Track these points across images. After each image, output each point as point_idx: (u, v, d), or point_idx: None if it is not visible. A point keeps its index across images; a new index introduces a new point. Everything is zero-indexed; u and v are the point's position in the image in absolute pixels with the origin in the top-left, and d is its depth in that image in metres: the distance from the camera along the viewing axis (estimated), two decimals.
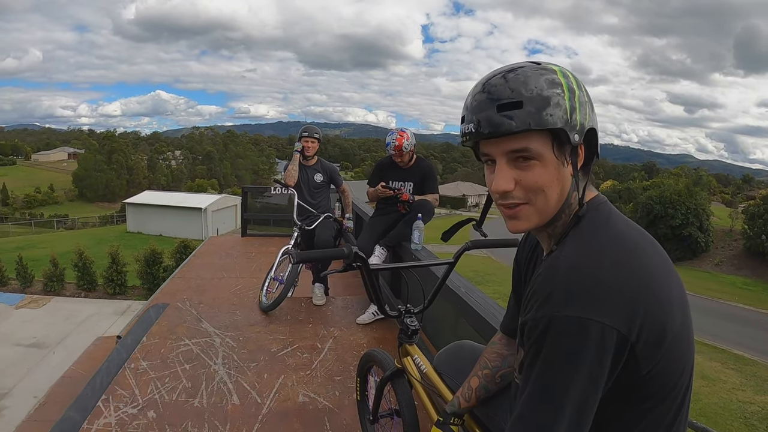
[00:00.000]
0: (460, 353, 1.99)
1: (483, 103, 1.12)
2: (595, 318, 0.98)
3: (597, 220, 1.15)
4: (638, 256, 1.08)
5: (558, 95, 1.09)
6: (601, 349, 0.99)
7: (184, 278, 6.39)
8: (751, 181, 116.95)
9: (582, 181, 1.17)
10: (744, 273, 35.88)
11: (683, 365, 1.10)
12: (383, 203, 4.98)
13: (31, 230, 49.97)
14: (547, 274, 1.08)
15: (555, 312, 1.01)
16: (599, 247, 1.08)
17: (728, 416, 13.37)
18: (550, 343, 1.03)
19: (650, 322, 1.01)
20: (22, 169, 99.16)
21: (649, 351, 1.02)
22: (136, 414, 3.10)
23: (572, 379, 1.01)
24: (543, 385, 1.05)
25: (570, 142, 1.11)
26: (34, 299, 20.78)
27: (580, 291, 1.01)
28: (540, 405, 1.05)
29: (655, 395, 1.08)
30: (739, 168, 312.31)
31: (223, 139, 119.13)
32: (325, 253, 2.03)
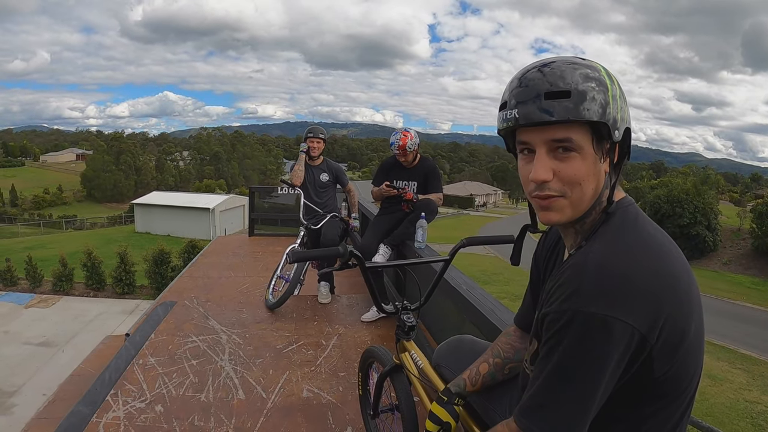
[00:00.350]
0: (460, 346, 2.02)
1: (530, 89, 1.11)
2: (620, 317, 1.00)
3: (626, 220, 1.16)
4: (664, 258, 1.09)
5: (602, 91, 1.09)
6: (621, 348, 1.01)
7: (192, 277, 6.46)
8: (759, 179, 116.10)
9: (613, 179, 1.18)
10: (752, 272, 35.71)
11: (695, 369, 1.12)
12: (387, 202, 5.03)
13: (40, 231, 50.20)
14: (575, 269, 1.09)
15: (581, 307, 1.03)
16: (628, 247, 1.09)
17: (735, 416, 13.34)
18: (572, 337, 1.05)
19: (671, 326, 1.03)
20: (31, 170, 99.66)
21: (666, 354, 1.04)
22: (144, 408, 3.16)
23: (589, 374, 1.04)
24: (560, 376, 1.08)
25: (610, 138, 1.12)
26: (43, 299, 20.95)
27: (607, 289, 1.03)
28: (557, 396, 1.09)
29: (665, 397, 1.10)
30: (748, 166, 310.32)
31: (230, 139, 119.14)
32: (321, 252, 2.06)
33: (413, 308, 2.22)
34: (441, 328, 4.00)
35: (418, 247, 4.57)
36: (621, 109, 1.12)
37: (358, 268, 2.01)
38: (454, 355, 1.98)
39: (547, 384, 1.09)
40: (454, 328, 3.50)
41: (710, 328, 19.78)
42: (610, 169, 1.16)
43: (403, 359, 2.19)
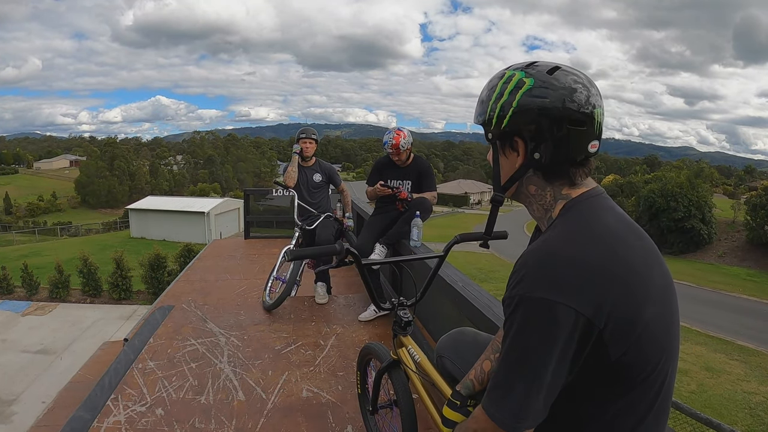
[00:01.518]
0: (462, 338, 2.05)
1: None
2: (563, 301, 1.06)
3: (581, 211, 1.23)
4: (615, 247, 1.14)
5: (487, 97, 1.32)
6: (566, 331, 1.07)
7: (189, 281, 6.47)
8: (753, 171, 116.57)
9: (559, 181, 1.29)
10: (747, 264, 35.84)
11: (659, 357, 1.15)
12: (382, 202, 5.05)
13: (34, 238, 50.02)
14: (525, 256, 1.17)
15: (526, 292, 1.10)
16: (576, 235, 1.17)
17: (733, 407, 13.38)
18: (520, 321, 1.11)
19: (619, 312, 1.08)
20: (25, 177, 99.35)
21: (618, 339, 1.09)
22: (144, 412, 3.17)
23: (538, 356, 1.09)
24: (513, 358, 1.14)
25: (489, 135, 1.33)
26: (40, 306, 20.89)
27: (551, 274, 1.10)
28: (509, 376, 1.15)
29: (625, 383, 1.14)
30: (741, 159, 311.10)
31: (224, 142, 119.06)
32: (317, 250, 2.08)
33: (409, 304, 2.24)
34: (438, 325, 4.02)
35: (413, 245, 4.59)
36: (495, 109, 1.29)
37: (354, 267, 2.03)
38: (456, 347, 2.01)
39: (503, 367, 1.16)
40: (450, 324, 3.51)
41: (707, 320, 20.03)
42: (520, 165, 1.30)
43: (401, 355, 2.21)
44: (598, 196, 1.27)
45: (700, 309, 21.53)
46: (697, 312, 20.83)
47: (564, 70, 1.24)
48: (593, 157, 1.27)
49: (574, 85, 1.21)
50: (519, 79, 1.25)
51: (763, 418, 12.84)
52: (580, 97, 1.20)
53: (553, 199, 1.29)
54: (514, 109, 1.24)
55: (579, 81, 1.22)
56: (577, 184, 1.28)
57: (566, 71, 1.24)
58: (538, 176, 1.30)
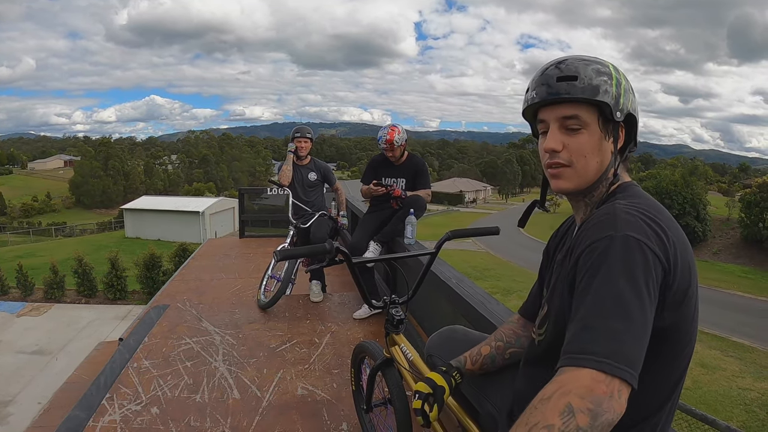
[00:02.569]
0: (453, 336, 2.04)
1: (545, 76, 1.32)
2: (649, 244, 1.09)
3: (637, 191, 1.32)
4: (675, 220, 1.22)
5: (606, 82, 1.28)
6: (652, 272, 1.07)
7: (184, 280, 6.47)
8: (747, 169, 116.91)
9: (619, 159, 1.34)
10: (742, 261, 36.00)
11: (690, 338, 1.19)
12: (376, 200, 5.05)
13: (29, 239, 49.90)
14: (603, 213, 1.20)
15: (618, 232, 1.11)
16: (647, 202, 1.24)
17: (728, 403, 13.44)
18: (615, 255, 1.08)
19: (681, 272, 1.12)
20: (19, 177, 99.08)
21: (675, 302, 1.12)
22: (139, 411, 3.17)
23: (633, 294, 1.04)
24: (605, 300, 1.05)
25: (613, 119, 1.29)
26: (35, 307, 20.83)
27: (637, 224, 1.13)
28: (606, 320, 1.03)
29: (669, 351, 1.17)
30: (736, 157, 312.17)
31: (218, 142, 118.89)
32: (307, 249, 2.07)
33: (401, 302, 2.24)
34: (432, 322, 4.02)
35: (407, 243, 4.59)
36: (623, 95, 1.30)
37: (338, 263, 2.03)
38: (447, 345, 2.00)
39: (595, 312, 1.05)
40: (445, 321, 3.52)
41: (702, 317, 19.77)
42: (615, 149, 1.33)
43: (394, 353, 2.21)
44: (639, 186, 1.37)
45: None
46: None
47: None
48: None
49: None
50: (615, 68, 1.33)
51: (758, 414, 12.91)
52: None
53: (614, 180, 1.34)
54: (629, 91, 1.32)
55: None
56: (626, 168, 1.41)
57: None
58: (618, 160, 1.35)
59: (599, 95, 1.26)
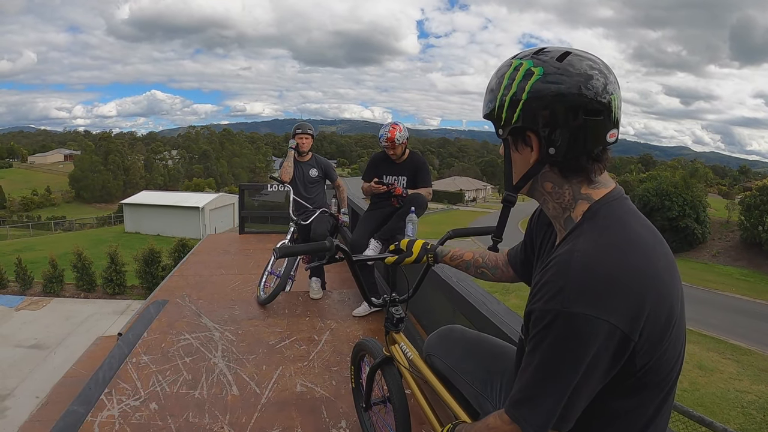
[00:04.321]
0: (450, 335, 2.04)
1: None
2: (603, 317, 1.04)
3: (611, 217, 1.19)
4: (648, 257, 1.12)
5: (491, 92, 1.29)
6: (603, 346, 1.05)
7: (183, 275, 6.46)
8: (747, 172, 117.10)
9: (579, 180, 1.24)
10: (741, 264, 35.94)
11: (675, 360, 1.17)
12: (377, 197, 5.04)
13: (28, 233, 49.82)
14: (560, 267, 1.12)
15: (564, 307, 1.06)
16: (612, 246, 1.12)
17: (726, 405, 13.44)
18: (556, 336, 1.08)
19: (652, 323, 1.07)
20: (19, 171, 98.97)
21: (646, 349, 1.09)
22: (138, 406, 3.17)
23: (572, 371, 1.08)
24: (545, 371, 1.12)
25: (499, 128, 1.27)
26: (33, 301, 20.85)
27: (591, 289, 1.06)
28: (540, 389, 1.13)
29: (645, 387, 1.15)
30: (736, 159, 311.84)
31: (219, 137, 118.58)
32: (308, 247, 2.07)
33: (401, 300, 2.23)
34: (432, 320, 4.03)
35: None
36: (504, 102, 1.23)
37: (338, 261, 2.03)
38: (445, 345, 2.00)
39: (534, 379, 1.14)
40: (444, 319, 3.52)
41: (700, 319, 20.03)
42: (535, 161, 1.24)
43: (393, 351, 2.21)
44: (621, 199, 1.23)
45: (693, 308, 21.53)
46: (691, 311, 20.55)
47: (577, 54, 1.18)
48: (610, 147, 1.21)
49: (589, 71, 1.15)
50: (527, 69, 1.18)
51: (755, 416, 12.92)
52: (596, 84, 1.14)
53: (573, 199, 1.24)
54: (524, 102, 1.17)
55: (595, 67, 1.16)
56: (594, 181, 1.23)
57: (579, 56, 1.18)
58: (554, 172, 1.23)
59: (489, 109, 1.27)
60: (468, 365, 1.83)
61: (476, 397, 1.76)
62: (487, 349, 1.87)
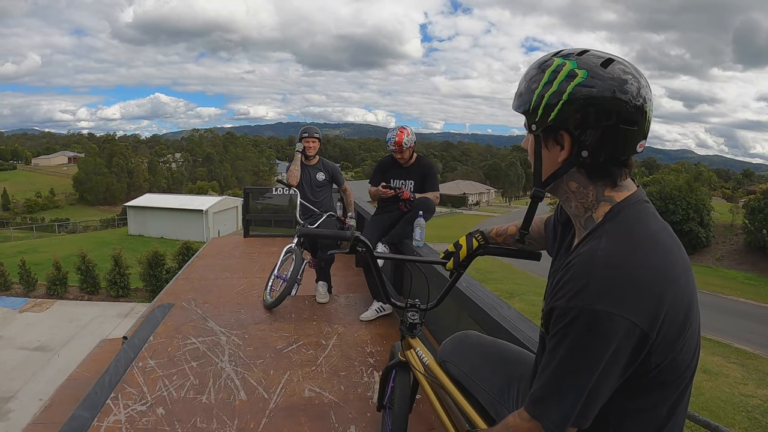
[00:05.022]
0: (466, 341, 2.03)
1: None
2: (624, 315, 1.05)
3: (632, 218, 1.20)
4: (667, 257, 1.14)
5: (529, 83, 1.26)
6: (622, 344, 1.06)
7: (188, 279, 6.45)
8: (751, 175, 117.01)
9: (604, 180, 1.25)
10: (745, 268, 35.82)
11: (690, 360, 1.17)
12: (385, 201, 5.03)
13: (32, 235, 49.88)
14: (583, 266, 1.13)
15: (587, 304, 1.07)
16: (634, 245, 1.13)
17: (731, 410, 13.38)
18: (578, 333, 1.09)
19: (670, 321, 1.09)
20: (23, 173, 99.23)
21: (663, 347, 1.10)
22: (145, 411, 3.15)
23: (592, 367, 1.08)
24: (565, 368, 1.12)
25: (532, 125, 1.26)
26: (37, 303, 20.80)
27: (613, 288, 1.07)
28: (560, 385, 1.14)
29: (658, 386, 1.15)
30: (740, 163, 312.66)
31: (222, 140, 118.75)
32: (328, 232, 2.20)
33: (424, 308, 2.23)
34: (441, 325, 4.00)
35: (416, 245, 4.56)
36: (537, 99, 1.23)
37: (354, 267, 2.03)
38: (460, 351, 1.99)
39: (555, 376, 1.14)
40: (453, 325, 3.51)
41: (705, 323, 19.66)
42: (564, 160, 1.24)
43: (409, 356, 2.20)
44: (642, 202, 1.24)
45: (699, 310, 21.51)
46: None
47: (620, 63, 1.18)
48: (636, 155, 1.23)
49: (631, 82, 1.15)
50: (571, 69, 1.18)
51: (761, 420, 12.85)
52: (636, 97, 1.15)
53: (596, 200, 1.25)
54: (563, 102, 1.17)
55: (636, 79, 1.16)
56: (618, 185, 1.24)
57: (623, 65, 1.18)
58: (581, 173, 1.24)
59: (524, 104, 1.26)
60: (484, 372, 1.82)
61: (493, 404, 1.74)
62: (503, 356, 1.86)
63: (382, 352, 4.05)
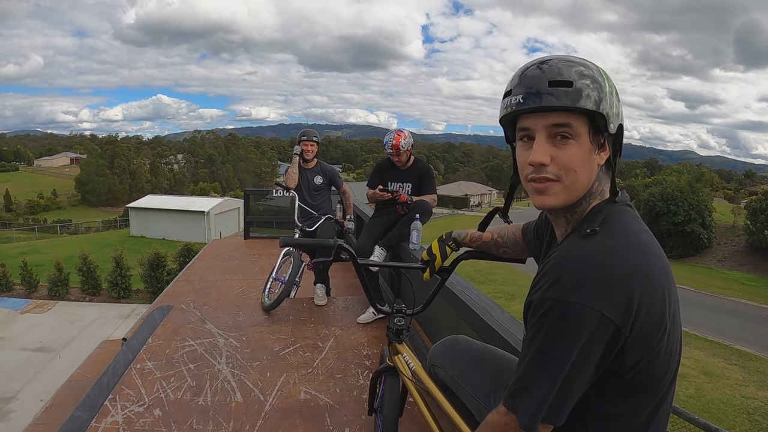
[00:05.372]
0: (455, 346, 2.05)
1: (535, 78, 1.18)
2: (597, 307, 1.06)
3: (616, 215, 1.23)
4: (645, 256, 1.15)
5: (596, 87, 1.17)
6: (595, 336, 1.08)
7: (188, 281, 6.47)
8: (753, 176, 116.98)
9: (610, 173, 1.27)
10: (747, 269, 35.72)
11: (667, 365, 1.18)
12: (382, 204, 5.04)
13: (34, 235, 49.93)
14: (560, 259, 1.17)
15: (561, 296, 1.10)
16: (611, 242, 1.16)
17: (731, 412, 13.36)
18: (552, 324, 1.11)
19: (644, 320, 1.09)
20: (25, 174, 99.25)
21: (637, 347, 1.11)
22: (142, 412, 3.18)
23: (565, 358, 1.10)
24: (540, 358, 1.14)
25: (606, 130, 1.20)
26: (39, 304, 20.83)
27: (586, 280, 1.09)
28: (534, 374, 1.15)
29: (637, 388, 1.17)
30: (741, 163, 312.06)
31: (224, 142, 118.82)
32: (310, 241, 2.23)
33: (409, 313, 2.22)
34: (436, 328, 4.02)
35: (413, 248, 4.58)
36: (614, 105, 1.19)
37: (353, 268, 2.05)
38: (449, 355, 2.00)
39: (530, 367, 1.16)
40: (449, 328, 3.52)
41: (706, 324, 19.96)
42: (604, 162, 1.24)
43: (396, 361, 2.20)
44: (624, 204, 1.27)
45: (699, 313, 21.46)
46: (696, 316, 20.75)
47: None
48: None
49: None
50: (609, 77, 1.22)
51: (762, 423, 12.83)
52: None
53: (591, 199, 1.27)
54: (622, 112, 1.24)
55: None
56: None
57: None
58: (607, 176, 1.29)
59: (593, 105, 1.15)
60: (472, 377, 1.83)
61: (479, 409, 1.76)
62: (491, 361, 1.87)
63: (378, 355, 4.06)
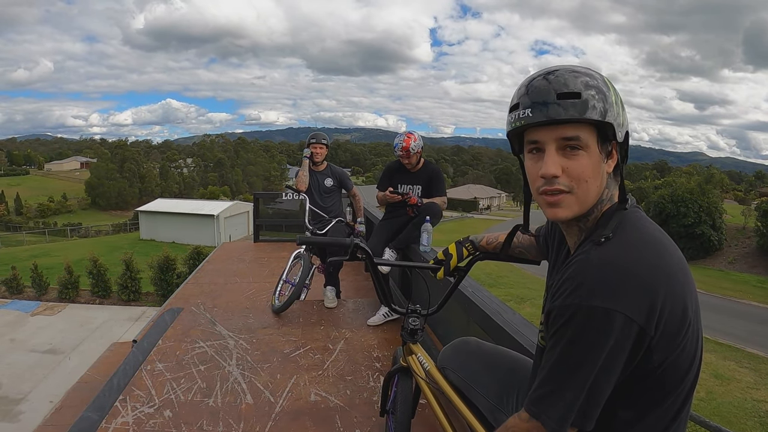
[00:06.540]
0: (465, 348, 2.03)
1: (542, 90, 1.18)
2: (620, 310, 1.06)
3: (628, 219, 1.22)
4: (663, 255, 1.15)
5: (602, 98, 1.17)
6: (621, 340, 1.07)
7: (198, 283, 6.48)
8: (763, 177, 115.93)
9: (618, 180, 1.27)
10: (758, 271, 35.50)
11: (691, 361, 1.17)
12: (392, 206, 5.03)
13: (44, 239, 50.25)
14: (579, 264, 1.16)
15: (583, 301, 1.09)
16: (629, 244, 1.16)
17: (743, 415, 13.27)
18: (576, 329, 1.10)
19: (668, 318, 1.09)
20: (36, 178, 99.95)
21: (663, 345, 1.10)
22: (152, 413, 3.17)
23: (591, 364, 1.09)
24: (565, 366, 1.13)
25: (614, 139, 1.20)
26: (49, 306, 20.99)
27: (609, 284, 1.09)
28: (560, 383, 1.14)
29: (662, 387, 1.16)
30: (752, 165, 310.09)
31: (233, 146, 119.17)
32: (327, 240, 2.29)
33: (424, 314, 2.22)
34: (446, 330, 4.01)
35: (423, 250, 4.57)
36: (619, 114, 1.20)
37: (363, 272, 2.05)
38: (460, 358, 1.99)
39: (554, 373, 1.16)
40: (459, 329, 3.51)
41: (717, 327, 19.84)
42: (612, 170, 1.24)
43: (410, 362, 2.20)
44: (635, 207, 1.27)
45: (709, 316, 21.32)
46: (707, 319, 20.41)
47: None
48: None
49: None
50: (614, 87, 1.22)
51: None
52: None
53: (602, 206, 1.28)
54: (626, 119, 1.25)
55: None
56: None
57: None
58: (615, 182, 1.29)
59: (599, 115, 1.15)
60: (483, 379, 1.82)
61: (492, 411, 1.75)
62: (502, 363, 1.86)
63: (388, 357, 4.05)
